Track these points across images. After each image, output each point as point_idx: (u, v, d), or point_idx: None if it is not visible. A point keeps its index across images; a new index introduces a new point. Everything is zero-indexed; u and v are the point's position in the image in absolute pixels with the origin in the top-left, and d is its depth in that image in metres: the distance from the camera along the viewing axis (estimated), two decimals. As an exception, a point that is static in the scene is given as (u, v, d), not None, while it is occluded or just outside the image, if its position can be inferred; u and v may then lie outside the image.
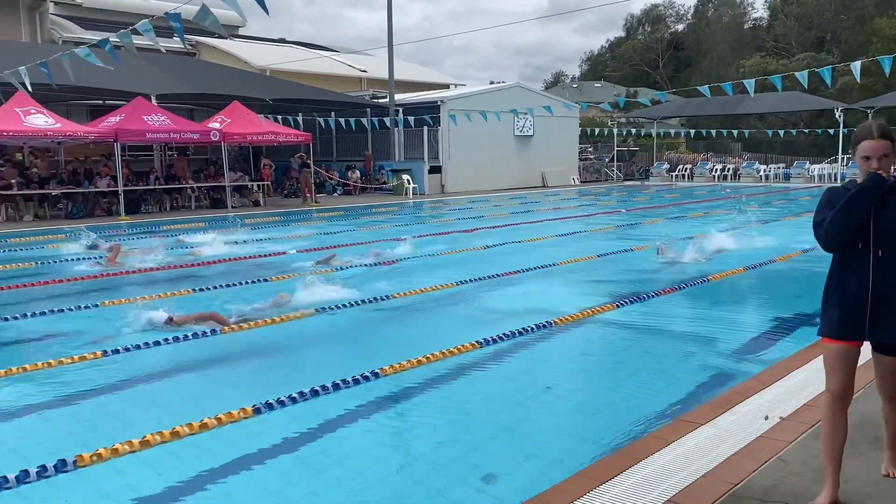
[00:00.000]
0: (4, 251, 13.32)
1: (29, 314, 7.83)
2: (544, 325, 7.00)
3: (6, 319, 7.63)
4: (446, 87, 38.22)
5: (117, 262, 11.21)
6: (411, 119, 26.64)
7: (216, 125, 21.78)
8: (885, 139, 3.10)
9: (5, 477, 3.78)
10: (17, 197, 18.98)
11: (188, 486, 3.87)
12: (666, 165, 37.07)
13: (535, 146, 31.99)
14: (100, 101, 25.08)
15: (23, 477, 3.81)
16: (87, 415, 5.05)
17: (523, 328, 6.83)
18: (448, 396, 5.37)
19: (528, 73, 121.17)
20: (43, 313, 7.88)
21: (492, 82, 47.48)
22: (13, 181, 19.01)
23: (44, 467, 3.89)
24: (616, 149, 39.34)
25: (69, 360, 6.03)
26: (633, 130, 41.98)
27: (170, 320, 7.05)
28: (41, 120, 18.23)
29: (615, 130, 38.92)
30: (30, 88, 14.79)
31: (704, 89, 16.25)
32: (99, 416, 5.03)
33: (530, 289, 9.21)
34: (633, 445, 4.10)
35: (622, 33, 78.55)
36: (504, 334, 6.61)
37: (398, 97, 29.26)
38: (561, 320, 7.19)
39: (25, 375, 5.76)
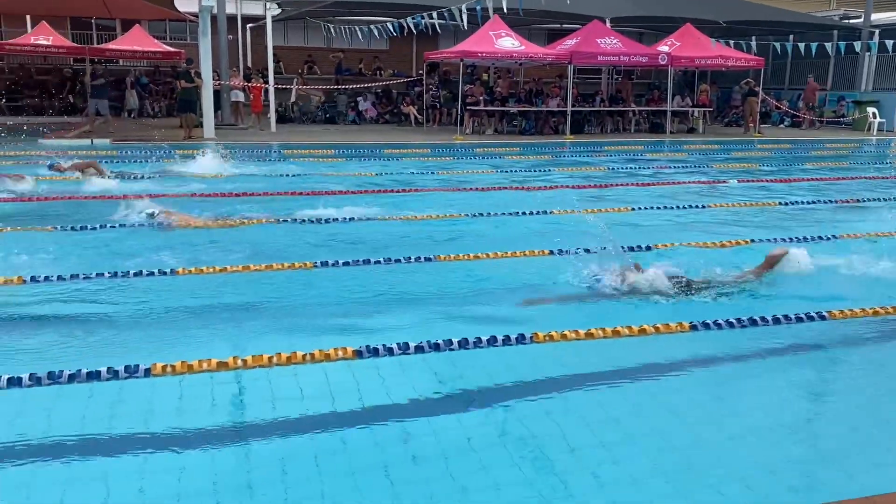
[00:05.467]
0: (471, 158, 15.39)
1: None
2: None
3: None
4: (941, 4, 31.89)
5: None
6: (889, 43, 23.04)
7: (665, 48, 21.65)
8: None
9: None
10: (482, 112, 21.55)
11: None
12: None
13: None
14: (557, 25, 26.71)
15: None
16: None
17: None
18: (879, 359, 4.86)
19: None
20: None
21: None
22: (481, 98, 21.59)
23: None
24: None
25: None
26: None
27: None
28: (509, 43, 20.20)
29: None
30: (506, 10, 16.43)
31: None
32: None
33: None
34: None
35: None
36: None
37: (875, 17, 25.39)
38: None
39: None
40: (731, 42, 24.91)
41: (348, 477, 3.18)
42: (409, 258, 6.58)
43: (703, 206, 9.84)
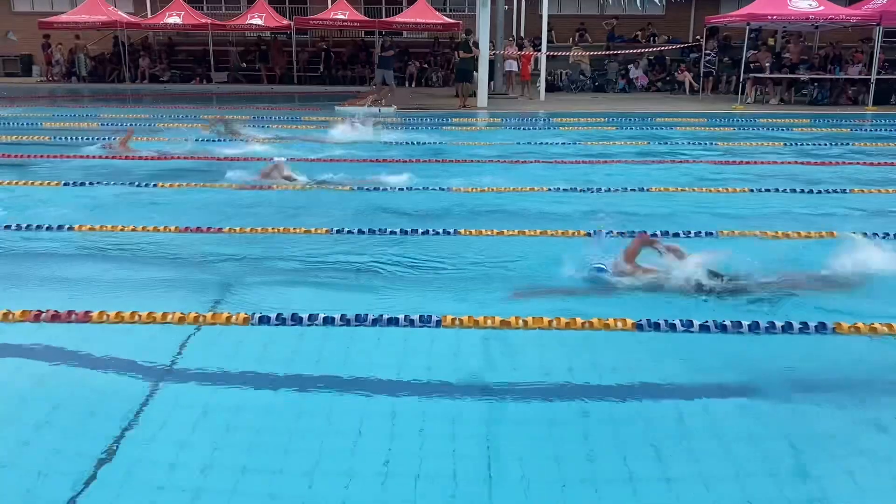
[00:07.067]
0: (752, 129, 14.25)
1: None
2: None
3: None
4: None
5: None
6: None
7: None
8: None
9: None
10: (767, 80, 19.83)
11: None
12: None
13: None
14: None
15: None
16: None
17: None
18: None
19: None
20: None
21: None
22: (766, 64, 19.87)
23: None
24: None
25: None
26: None
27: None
28: (805, 3, 18.29)
29: None
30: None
31: None
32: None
33: None
34: None
35: None
36: None
37: None
38: None
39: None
40: None
41: (617, 450, 3.14)
42: (689, 232, 6.29)
43: None
